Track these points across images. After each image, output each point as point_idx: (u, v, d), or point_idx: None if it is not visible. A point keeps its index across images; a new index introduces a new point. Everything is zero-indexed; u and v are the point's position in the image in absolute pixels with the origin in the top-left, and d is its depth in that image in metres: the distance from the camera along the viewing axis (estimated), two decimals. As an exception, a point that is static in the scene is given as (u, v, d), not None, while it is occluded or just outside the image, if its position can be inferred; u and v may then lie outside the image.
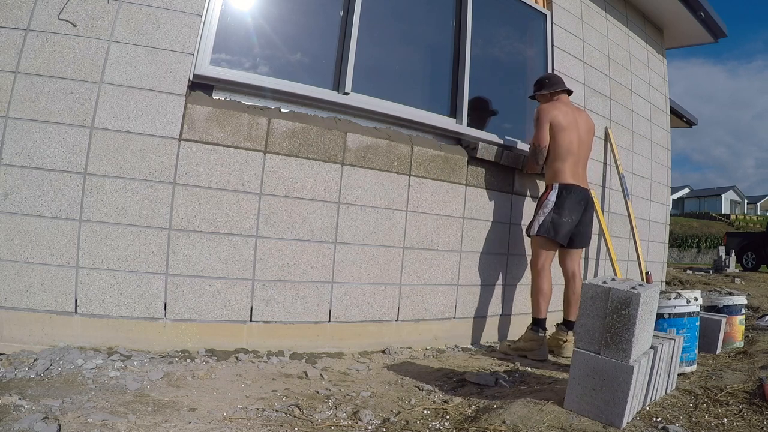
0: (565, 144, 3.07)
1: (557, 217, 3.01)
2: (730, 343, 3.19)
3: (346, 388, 2.08)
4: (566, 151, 3.08)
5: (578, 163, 3.15)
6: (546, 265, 3.07)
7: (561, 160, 3.09)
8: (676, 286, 7.79)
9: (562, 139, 3.07)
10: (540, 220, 3.05)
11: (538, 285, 3.05)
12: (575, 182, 3.09)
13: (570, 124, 3.10)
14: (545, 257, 3.07)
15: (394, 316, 2.89)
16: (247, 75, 2.56)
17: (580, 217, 3.11)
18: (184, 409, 1.67)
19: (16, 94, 2.12)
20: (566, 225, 3.03)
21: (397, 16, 3.29)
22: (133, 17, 2.29)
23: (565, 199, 3.03)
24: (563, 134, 3.07)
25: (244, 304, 2.47)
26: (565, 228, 3.03)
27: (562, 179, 3.07)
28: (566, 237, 3.06)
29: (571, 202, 3.04)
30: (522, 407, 1.71)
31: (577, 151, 3.12)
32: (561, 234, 3.02)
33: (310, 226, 2.63)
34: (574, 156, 3.11)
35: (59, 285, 2.15)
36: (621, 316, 1.67)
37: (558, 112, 3.09)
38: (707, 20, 5.09)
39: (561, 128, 3.07)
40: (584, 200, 3.13)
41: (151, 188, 2.29)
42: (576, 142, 3.11)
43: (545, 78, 3.31)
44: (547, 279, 3.07)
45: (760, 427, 1.72)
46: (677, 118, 7.62)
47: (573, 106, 3.25)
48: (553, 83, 3.26)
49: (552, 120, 3.07)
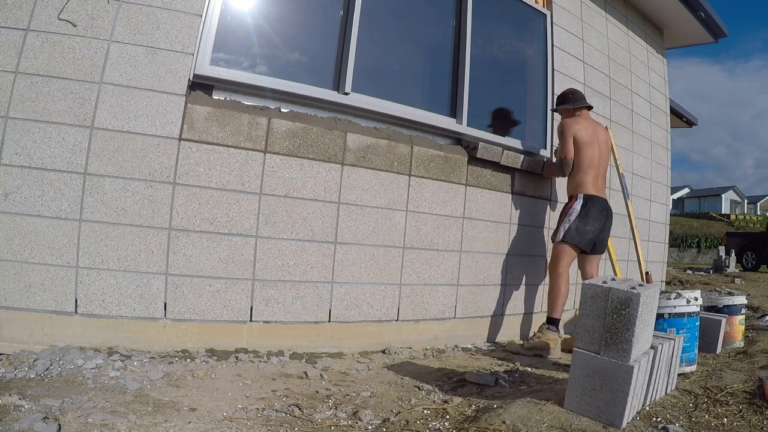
0: (588, 158, 3.26)
1: (582, 225, 3.20)
2: (730, 343, 3.19)
3: (346, 388, 2.08)
4: (588, 164, 3.26)
5: (598, 175, 3.33)
6: (566, 270, 3.23)
7: (583, 173, 3.28)
8: (676, 286, 7.79)
9: (584, 153, 3.25)
10: (566, 227, 3.21)
11: (559, 287, 3.20)
12: (597, 193, 3.28)
13: (591, 138, 3.28)
14: (566, 262, 3.23)
15: (394, 316, 2.89)
16: (247, 75, 2.55)
17: (602, 226, 3.30)
18: (184, 409, 1.67)
19: (16, 94, 2.12)
20: (590, 233, 3.23)
21: (397, 16, 3.28)
22: (133, 17, 2.29)
23: (590, 209, 3.22)
24: (585, 148, 3.25)
25: (244, 304, 2.46)
26: (588, 235, 3.22)
27: (586, 190, 3.26)
28: (590, 244, 3.24)
29: (595, 212, 3.24)
30: (522, 407, 1.71)
31: (597, 163, 3.31)
32: (585, 241, 3.21)
33: (310, 226, 2.63)
34: (595, 168, 3.29)
35: (59, 285, 2.15)
36: (621, 316, 1.67)
37: (580, 127, 3.26)
38: (707, 20, 5.09)
39: (583, 143, 3.25)
40: (605, 210, 3.32)
41: (151, 188, 2.29)
42: (597, 156, 3.30)
43: (569, 93, 3.45)
44: (566, 282, 3.24)
45: (760, 427, 1.72)
46: (677, 118, 7.62)
47: (593, 121, 3.43)
48: (576, 99, 3.41)
49: (575, 135, 3.24)
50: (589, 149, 3.27)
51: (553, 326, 3.14)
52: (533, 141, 3.75)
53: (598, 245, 3.33)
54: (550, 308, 3.22)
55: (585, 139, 3.26)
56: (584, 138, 3.26)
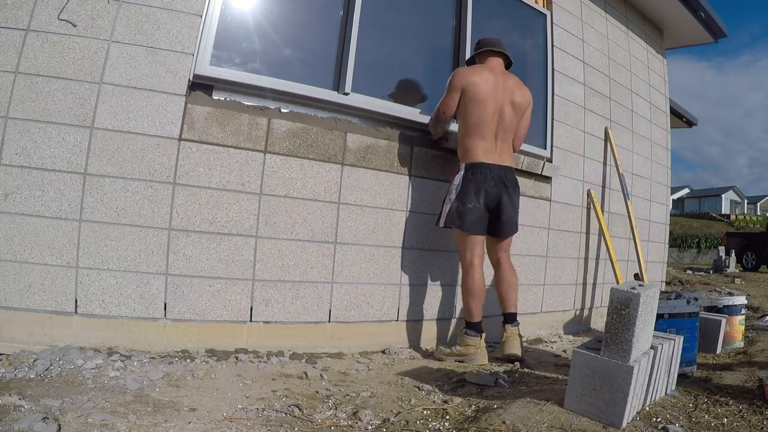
0: (476, 116, 2.66)
1: (461, 204, 2.63)
2: (730, 343, 3.19)
3: (346, 388, 2.08)
4: (477, 124, 2.66)
5: (496, 137, 2.71)
6: (474, 261, 2.67)
7: (470, 136, 2.67)
8: (676, 287, 7.79)
9: (473, 110, 2.65)
10: (446, 208, 2.68)
11: (467, 283, 2.68)
12: (487, 160, 2.66)
13: (488, 93, 2.66)
14: (469, 251, 2.67)
15: (394, 316, 2.89)
16: (247, 75, 2.56)
17: (498, 200, 2.68)
18: (184, 409, 1.67)
19: (16, 94, 2.12)
20: (473, 211, 2.63)
21: (397, 16, 3.28)
22: (133, 17, 2.29)
23: (470, 182, 2.63)
24: (477, 105, 2.65)
25: (244, 304, 2.47)
26: (472, 215, 2.62)
27: (472, 158, 2.67)
28: (477, 225, 2.65)
29: (478, 183, 2.64)
30: (522, 407, 1.71)
31: (492, 125, 2.68)
32: (468, 222, 2.62)
33: (310, 226, 2.63)
34: (489, 130, 2.67)
35: (59, 285, 2.15)
36: (621, 316, 1.67)
37: (477, 79, 2.66)
38: (707, 20, 5.09)
39: (475, 98, 2.65)
40: (498, 179, 2.68)
41: (151, 188, 2.29)
42: (492, 115, 2.67)
43: (479, 40, 2.89)
44: (477, 276, 2.67)
45: (760, 427, 1.72)
46: (677, 118, 7.62)
47: (505, 74, 2.79)
48: (482, 45, 2.81)
49: (466, 87, 2.65)
50: (481, 106, 2.63)
51: (472, 330, 2.67)
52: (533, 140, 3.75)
53: (499, 226, 2.70)
54: (464, 311, 2.73)
55: (479, 93, 2.63)
56: (478, 92, 2.63)
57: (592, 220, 4.15)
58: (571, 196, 3.97)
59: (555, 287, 3.84)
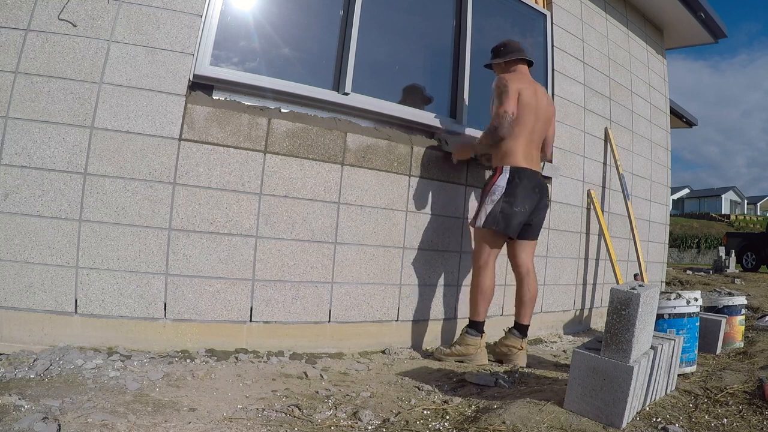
0: (523, 122, 2.71)
1: (507, 206, 2.65)
2: (730, 343, 3.19)
3: (346, 389, 2.08)
4: (522, 129, 2.71)
5: (532, 144, 2.79)
6: (490, 261, 2.73)
7: (514, 139, 2.70)
8: (676, 287, 7.79)
9: (523, 117, 2.71)
10: (488, 209, 2.67)
11: (480, 283, 2.71)
12: (529, 166, 2.73)
13: (531, 100, 2.75)
14: (490, 252, 2.73)
15: (394, 316, 2.89)
16: (247, 75, 2.56)
17: (535, 206, 2.77)
18: (184, 410, 1.67)
19: (16, 94, 2.12)
20: (519, 215, 2.67)
21: (397, 16, 3.28)
22: (133, 17, 2.29)
23: (517, 186, 2.66)
24: (526, 112, 2.71)
25: (244, 304, 2.46)
26: (517, 219, 2.67)
27: (515, 161, 2.70)
28: (518, 229, 2.71)
29: (525, 189, 2.68)
30: (522, 407, 1.71)
31: (532, 131, 2.76)
32: (512, 226, 2.67)
33: (310, 226, 2.63)
34: (529, 136, 2.75)
35: (59, 285, 2.15)
36: (621, 316, 1.67)
37: (524, 86, 2.74)
38: (707, 21, 5.09)
39: (525, 104, 2.71)
40: (538, 187, 2.78)
41: (151, 188, 2.29)
42: (533, 122, 2.75)
43: (501, 45, 2.93)
44: (490, 276, 2.73)
45: (760, 427, 1.72)
46: (677, 118, 7.62)
47: (534, 81, 2.89)
48: (510, 50, 2.88)
49: (520, 92, 2.71)
50: (526, 112, 2.71)
51: (474, 330, 2.72)
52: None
53: (530, 229, 2.80)
54: (471, 309, 2.77)
55: (524, 98, 2.69)
56: (525, 97, 2.70)
57: (592, 221, 4.15)
58: (571, 196, 3.97)
59: (555, 287, 3.84)
